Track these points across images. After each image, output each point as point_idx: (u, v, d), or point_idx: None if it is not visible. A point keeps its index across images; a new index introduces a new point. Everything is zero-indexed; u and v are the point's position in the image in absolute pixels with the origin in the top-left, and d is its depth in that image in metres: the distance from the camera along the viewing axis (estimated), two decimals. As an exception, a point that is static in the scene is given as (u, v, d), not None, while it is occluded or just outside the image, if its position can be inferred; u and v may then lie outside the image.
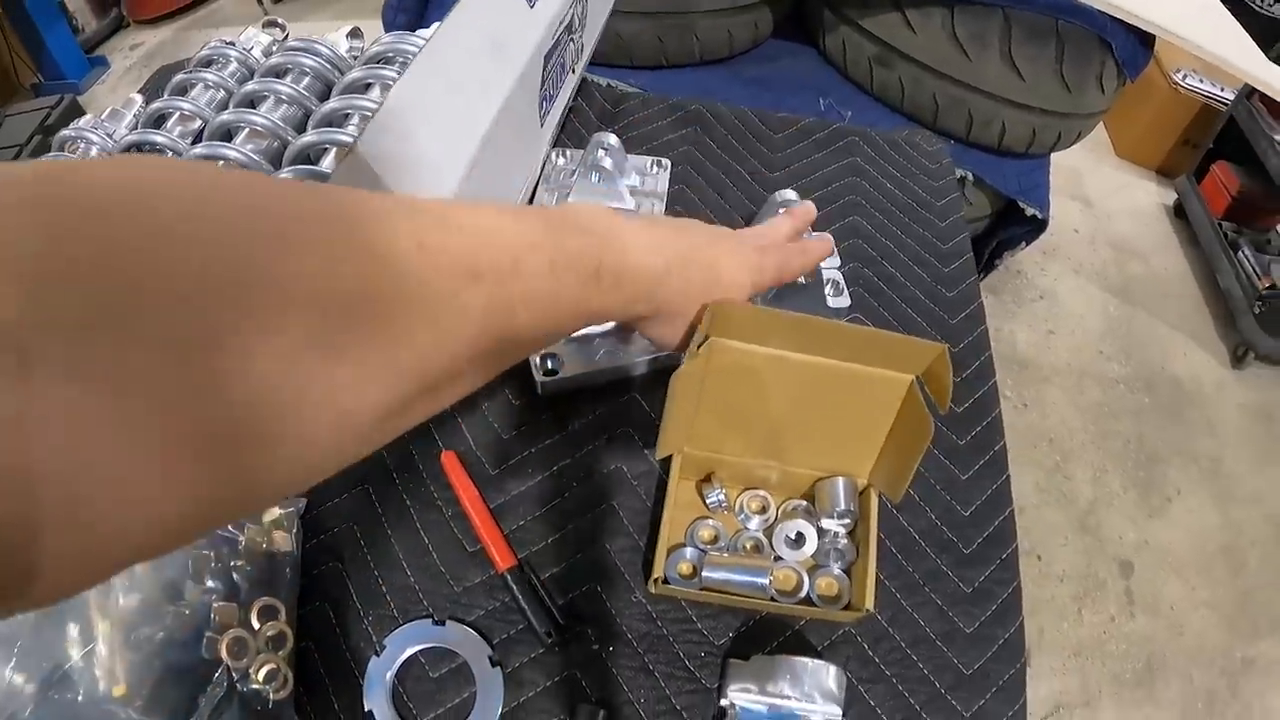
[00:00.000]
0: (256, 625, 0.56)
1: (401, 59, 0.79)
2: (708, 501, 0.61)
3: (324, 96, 0.82)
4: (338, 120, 0.75)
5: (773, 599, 0.56)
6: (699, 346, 0.54)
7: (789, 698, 0.51)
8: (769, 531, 0.61)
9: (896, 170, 0.82)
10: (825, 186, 0.79)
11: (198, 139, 0.81)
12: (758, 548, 0.61)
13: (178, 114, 0.83)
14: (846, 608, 0.56)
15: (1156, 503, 1.58)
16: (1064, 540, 1.51)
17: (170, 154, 0.80)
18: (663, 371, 0.67)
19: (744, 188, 0.80)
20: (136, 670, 0.55)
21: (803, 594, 0.58)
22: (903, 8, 1.07)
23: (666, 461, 0.62)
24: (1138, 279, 1.98)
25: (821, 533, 0.59)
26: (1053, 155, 1.22)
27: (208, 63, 0.88)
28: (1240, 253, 1.85)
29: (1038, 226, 1.21)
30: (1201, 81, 2.07)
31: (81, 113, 2.43)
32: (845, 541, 0.59)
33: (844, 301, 0.69)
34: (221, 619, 0.56)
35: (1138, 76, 1.09)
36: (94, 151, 0.84)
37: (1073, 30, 1.02)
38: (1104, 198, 2.22)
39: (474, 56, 0.60)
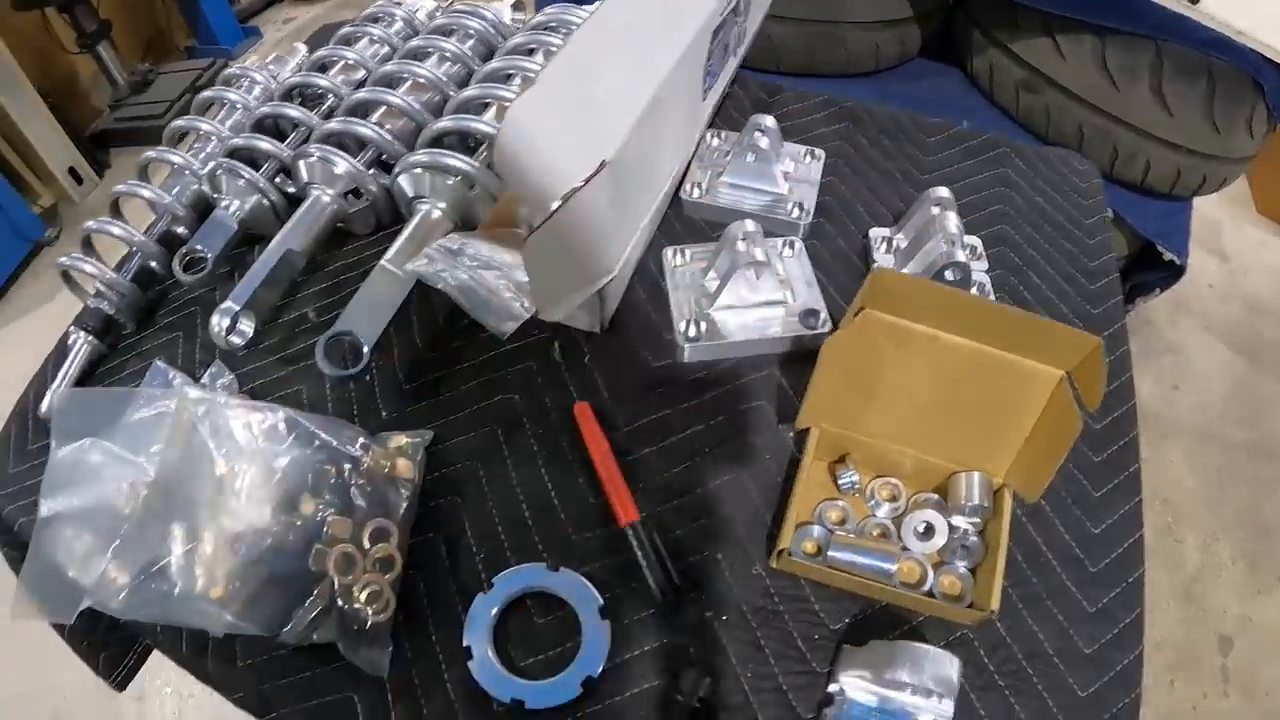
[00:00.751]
0: (367, 545, 0.57)
1: (565, 29, 0.83)
2: (840, 482, 0.60)
3: (486, 59, 0.86)
4: (499, 79, 0.78)
5: (896, 588, 0.55)
6: (855, 315, 0.54)
7: (905, 686, 0.48)
8: (898, 520, 0.59)
9: (1047, 185, 0.81)
10: (975, 193, 0.78)
11: (360, 88, 0.86)
12: (885, 535, 0.59)
13: (341, 62, 0.88)
14: (969, 608, 0.54)
15: (1265, 580, 1.48)
16: (1166, 606, 1.42)
17: (331, 97, 0.85)
18: (803, 351, 0.67)
19: (894, 185, 0.80)
20: (238, 574, 0.57)
21: (926, 587, 0.56)
22: (1054, 34, 1.06)
23: (801, 440, 0.62)
24: (1270, 343, 1.87)
25: (951, 528, 0.58)
26: (1193, 201, 1.18)
27: (374, 19, 0.94)
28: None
29: (1174, 273, 1.16)
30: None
31: None
32: (975, 539, 0.57)
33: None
34: (334, 532, 0.57)
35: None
36: (256, 90, 0.90)
37: (1225, 69, 0.98)
38: (1241, 254, 2.11)
39: (646, 23, 0.62)
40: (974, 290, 0.67)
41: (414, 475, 0.61)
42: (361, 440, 0.62)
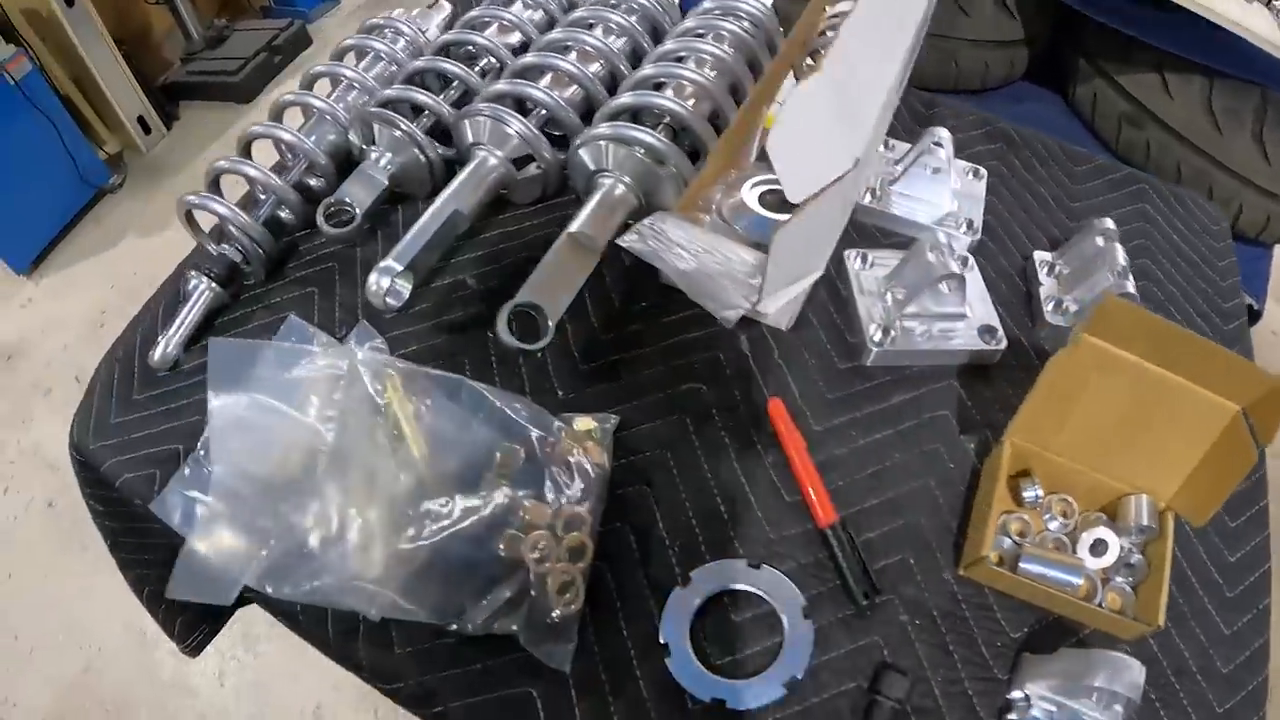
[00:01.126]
0: (560, 533, 0.58)
1: (733, 15, 0.83)
2: (1024, 496, 0.63)
3: (653, 36, 0.86)
4: (674, 59, 0.78)
5: (1076, 600, 0.58)
6: (1075, 341, 0.57)
7: (1091, 692, 0.52)
8: (1070, 535, 0.63)
9: (1181, 224, 0.85)
10: (1119, 226, 0.82)
11: (520, 50, 0.85)
12: (1059, 548, 0.63)
13: (497, 23, 0.87)
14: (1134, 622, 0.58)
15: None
16: None
17: (489, 57, 0.83)
18: (979, 365, 0.69)
19: (1048, 210, 0.83)
20: (406, 555, 0.57)
21: (1095, 601, 0.59)
22: (1164, 71, 1.12)
23: (981, 450, 0.65)
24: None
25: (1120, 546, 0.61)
26: (1275, 250, 1.26)
27: None
28: None
29: (1251, 317, 1.23)
30: None
31: (309, 40, 2.65)
32: (1139, 558, 0.61)
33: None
34: (531, 518, 0.58)
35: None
36: (401, 43, 0.88)
37: None
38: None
39: (886, 20, 0.63)
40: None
41: (605, 461, 0.61)
42: (553, 421, 0.62)
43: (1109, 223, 0.72)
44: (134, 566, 0.79)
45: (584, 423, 0.63)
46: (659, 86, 0.77)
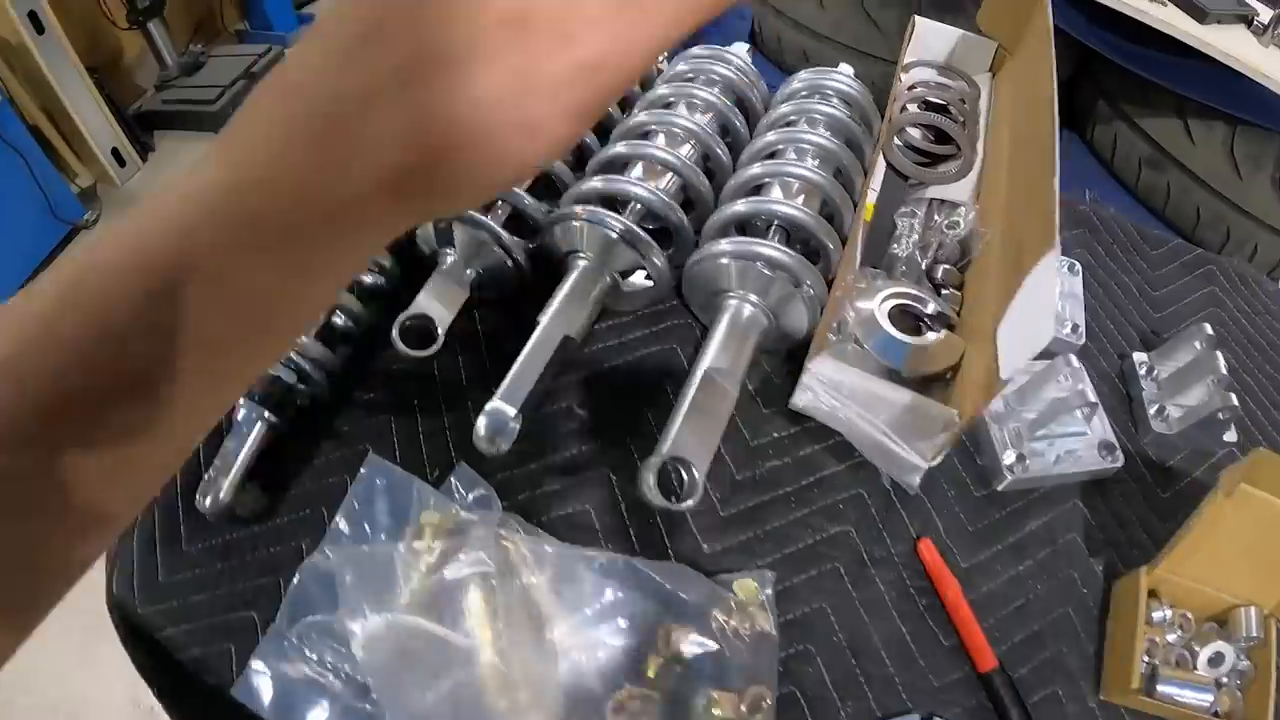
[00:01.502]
0: (744, 712, 0.57)
1: (822, 94, 0.80)
2: (1153, 617, 0.67)
3: (740, 108, 0.81)
4: (774, 155, 0.74)
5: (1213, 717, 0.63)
6: (1231, 493, 0.60)
7: None
8: (1187, 647, 0.67)
9: (1246, 305, 0.90)
10: (1194, 313, 0.86)
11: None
12: (1180, 663, 0.67)
13: None
14: None
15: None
16: None
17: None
18: (1097, 481, 0.71)
19: (1134, 303, 0.86)
20: None
21: (1209, 709, 0.64)
22: (1186, 117, 1.17)
23: (1108, 569, 0.68)
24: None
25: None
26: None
27: None
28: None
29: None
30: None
31: None
32: (1246, 664, 0.66)
33: (1231, 436, 0.76)
34: (722, 710, 0.57)
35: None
36: None
37: None
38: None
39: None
40: (1234, 430, 0.74)
41: (772, 628, 0.60)
42: (720, 591, 0.60)
43: (1208, 329, 0.75)
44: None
45: (745, 586, 0.61)
46: (764, 188, 0.73)
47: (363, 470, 0.66)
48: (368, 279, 0.74)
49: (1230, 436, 0.77)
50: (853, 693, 0.60)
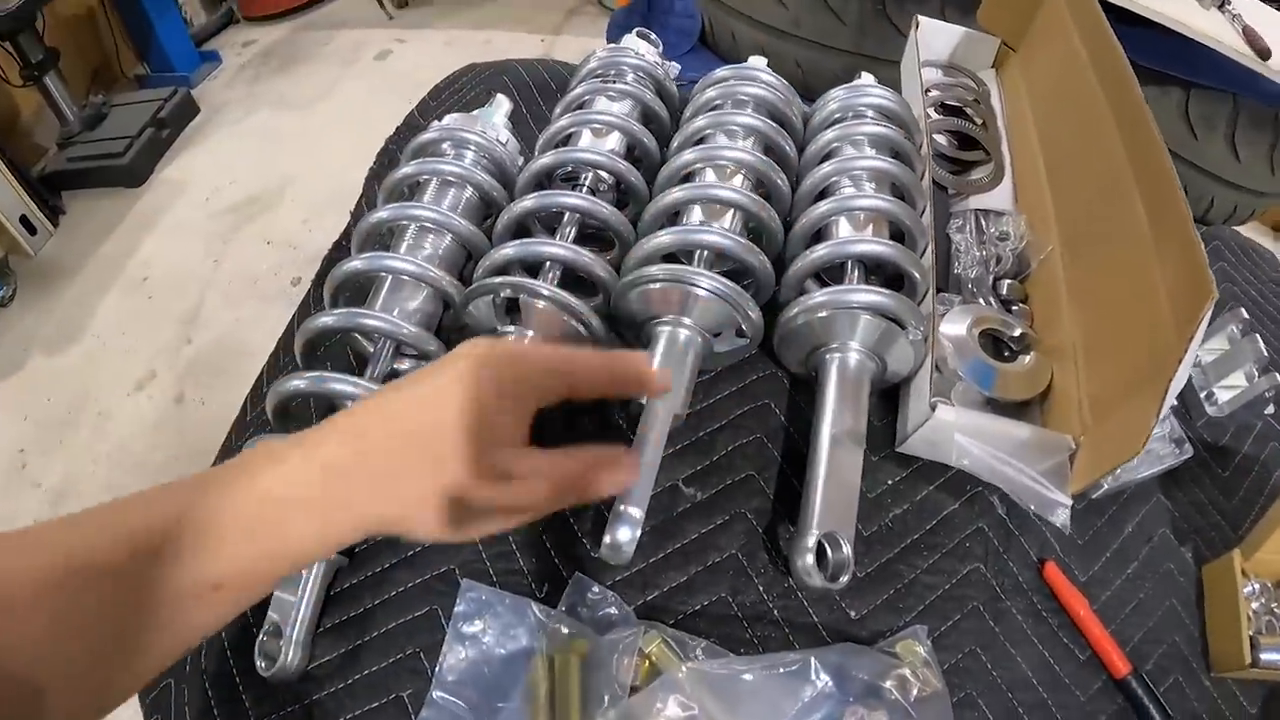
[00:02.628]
0: None
1: (858, 114, 0.80)
2: (1244, 591, 0.74)
3: (778, 121, 0.80)
4: (829, 192, 0.75)
5: None
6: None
7: None
8: (1271, 612, 0.75)
9: (1253, 276, 0.98)
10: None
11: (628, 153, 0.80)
12: (1270, 628, 0.75)
13: (587, 129, 0.78)
14: None
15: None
16: None
17: (592, 171, 0.77)
18: (1174, 470, 0.78)
19: None
20: None
21: None
22: (1141, 84, 1.25)
23: (1196, 555, 0.74)
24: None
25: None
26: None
27: (599, 73, 0.82)
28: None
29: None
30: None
31: (196, 108, 2.55)
32: None
33: (1269, 409, 0.84)
34: None
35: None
36: (469, 157, 0.77)
37: None
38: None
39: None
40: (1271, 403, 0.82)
41: (942, 685, 0.62)
42: (883, 660, 0.62)
43: (1243, 313, 0.82)
44: None
45: (908, 648, 0.62)
46: (831, 225, 0.73)
47: (460, 600, 0.62)
48: (406, 365, 0.69)
49: (1269, 410, 0.86)
50: (1015, 729, 0.64)
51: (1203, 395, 0.82)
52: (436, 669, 0.60)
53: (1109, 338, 0.68)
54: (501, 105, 0.85)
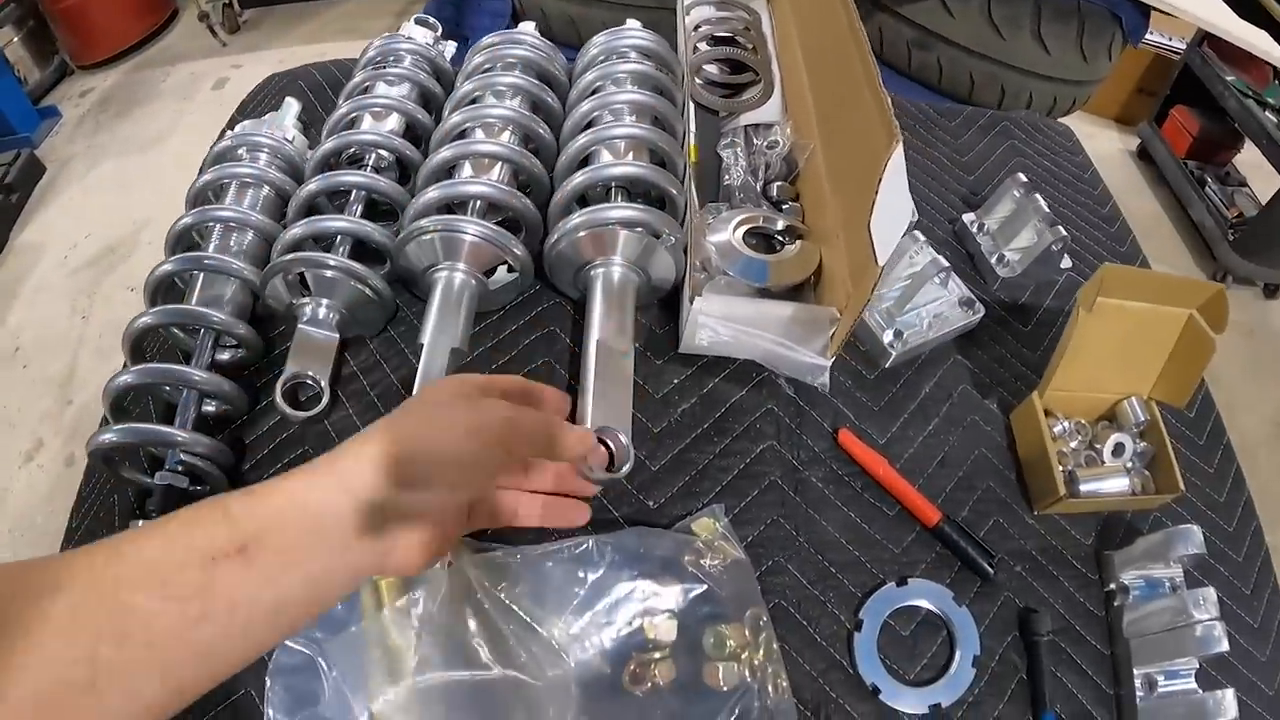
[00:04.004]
0: (749, 636, 0.66)
1: (620, 55, 0.89)
2: (1055, 431, 0.81)
3: (546, 82, 0.89)
4: (595, 122, 0.83)
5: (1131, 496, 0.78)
6: (1091, 306, 0.75)
7: (1173, 559, 0.71)
8: (1090, 447, 0.82)
9: (1047, 149, 1.08)
10: (1001, 168, 1.02)
11: (407, 134, 0.86)
12: (1090, 462, 0.82)
13: (367, 113, 0.86)
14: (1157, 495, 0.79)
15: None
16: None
17: (374, 152, 0.84)
18: (964, 334, 0.86)
19: (948, 171, 1.01)
20: None
21: (1128, 491, 0.80)
22: (940, -5, 1.37)
23: (1002, 404, 0.82)
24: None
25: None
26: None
27: (378, 61, 0.91)
28: (1207, 187, 2.40)
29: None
30: (1153, 34, 2.55)
31: (43, 168, 2.56)
32: (1144, 445, 0.82)
33: (1066, 263, 0.93)
34: (734, 642, 0.65)
35: (1139, 43, 1.49)
36: (263, 159, 0.84)
37: (1092, 9, 1.39)
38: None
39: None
40: (1066, 257, 0.91)
41: (740, 552, 0.69)
42: (680, 539, 0.68)
43: (1022, 177, 0.91)
44: None
45: (704, 525, 0.69)
46: (593, 156, 0.81)
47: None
48: (226, 355, 0.76)
49: (1066, 264, 0.94)
50: (830, 584, 0.70)
51: (993, 260, 0.91)
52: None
53: (857, 211, 0.77)
54: (290, 107, 0.93)
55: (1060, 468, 0.78)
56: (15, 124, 2.64)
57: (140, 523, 0.66)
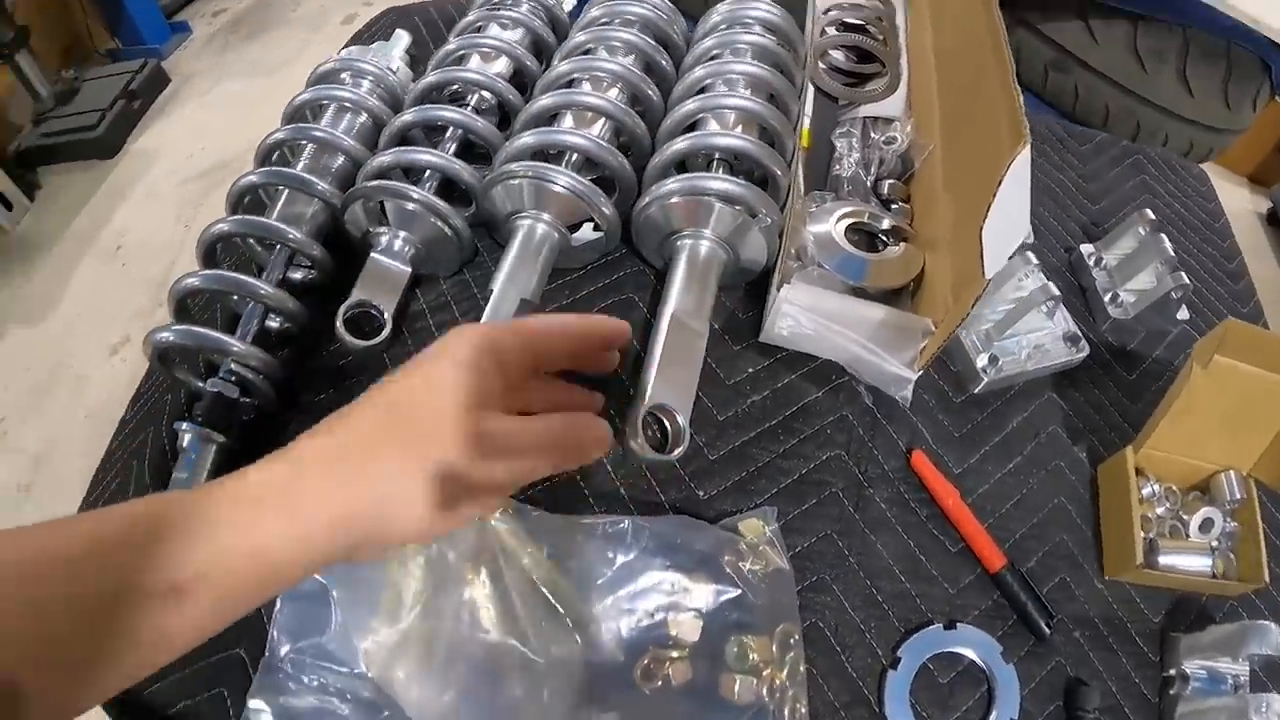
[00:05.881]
0: (775, 653, 0.60)
1: (744, 25, 0.84)
2: (1143, 493, 0.73)
3: (663, 44, 0.84)
4: (701, 90, 0.78)
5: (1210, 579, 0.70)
6: (1207, 362, 0.67)
7: (1243, 659, 0.63)
8: (1177, 517, 0.74)
9: (1178, 190, 0.98)
10: (1127, 204, 0.94)
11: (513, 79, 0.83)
12: (1174, 533, 0.74)
13: (476, 52, 0.83)
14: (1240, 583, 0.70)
15: None
16: None
17: (478, 93, 0.81)
18: (1067, 371, 0.78)
19: (1072, 198, 0.93)
20: None
21: (1209, 573, 0.72)
22: (1087, 18, 1.26)
23: (1091, 455, 0.74)
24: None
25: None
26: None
27: (495, 3, 0.88)
28: (1339, 263, 2.17)
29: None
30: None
31: (167, 79, 2.65)
32: (1234, 525, 0.74)
33: (1184, 314, 0.84)
34: (759, 656, 0.59)
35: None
36: (365, 86, 0.81)
37: (1242, 54, 1.27)
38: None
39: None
40: (1185, 308, 0.82)
41: (784, 562, 0.63)
42: (723, 536, 0.63)
43: (1150, 214, 0.82)
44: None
45: (751, 526, 0.64)
46: (699, 123, 0.76)
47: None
48: (298, 275, 0.74)
49: (1183, 315, 0.85)
50: (874, 614, 0.63)
51: (1106, 298, 0.82)
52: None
53: (970, 218, 0.70)
54: (400, 39, 0.90)
55: (1142, 533, 0.70)
56: (146, 35, 2.73)
57: (184, 425, 0.63)
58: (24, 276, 2.08)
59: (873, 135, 0.82)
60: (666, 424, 0.63)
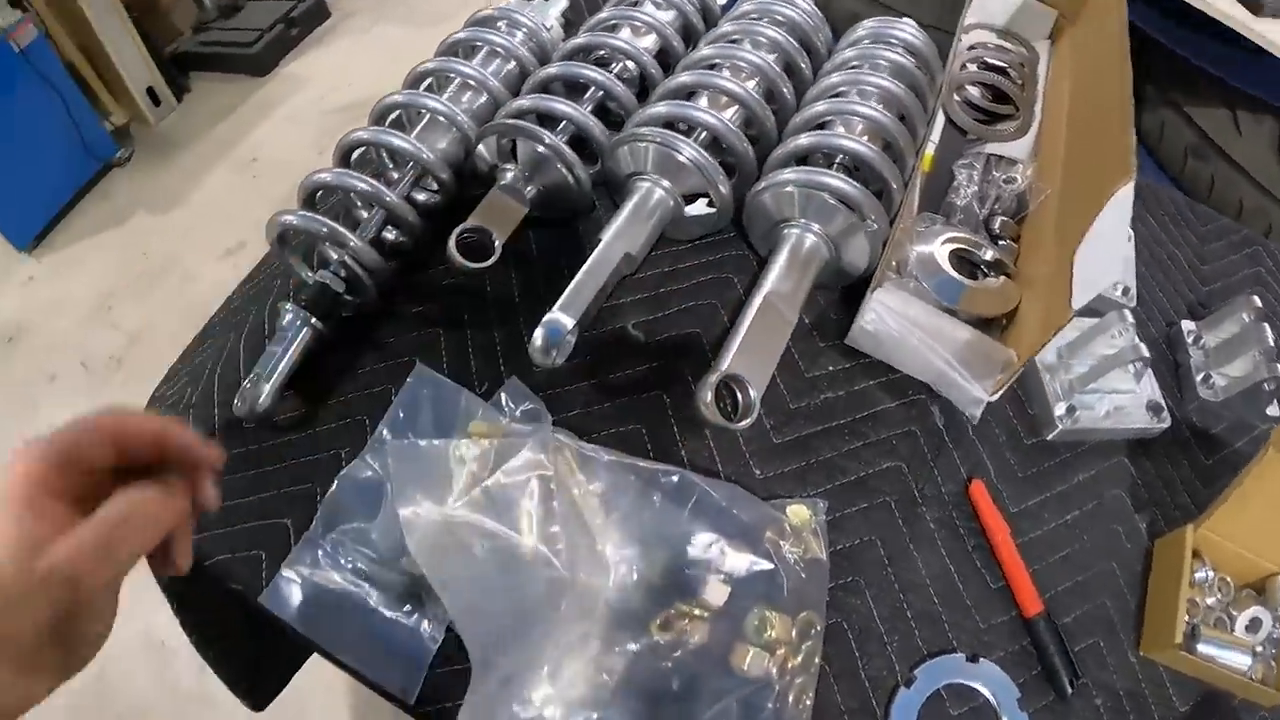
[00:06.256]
0: (794, 637, 0.61)
1: (887, 44, 0.85)
2: (1195, 577, 0.72)
3: (805, 47, 0.86)
4: (838, 94, 0.79)
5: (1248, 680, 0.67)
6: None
7: None
8: (1225, 611, 0.72)
9: None
10: (1236, 291, 0.91)
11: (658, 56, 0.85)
12: (1219, 625, 0.72)
13: (628, 25, 0.86)
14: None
15: None
16: None
17: (623, 62, 0.83)
18: (1144, 440, 0.77)
19: (1183, 273, 0.91)
20: (629, 679, 0.58)
21: (1247, 673, 0.69)
22: (1235, 109, 1.23)
23: (1151, 528, 0.73)
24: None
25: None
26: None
27: None
28: None
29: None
30: None
31: (327, 13, 2.73)
32: None
33: (1275, 410, 0.81)
34: (777, 634, 0.60)
35: None
36: (519, 36, 0.85)
37: None
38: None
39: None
40: (1276, 404, 0.80)
41: (824, 554, 0.64)
42: (770, 513, 0.64)
43: (1257, 301, 0.80)
44: (203, 629, 0.76)
45: (798, 512, 0.65)
46: (827, 125, 0.78)
47: (409, 380, 0.69)
48: (421, 196, 0.78)
49: (1274, 410, 0.82)
50: (899, 628, 0.64)
51: (1199, 377, 0.80)
52: (372, 434, 0.67)
53: (1070, 256, 0.70)
54: (559, 1, 0.95)
55: (1186, 617, 0.68)
56: (312, -34, 2.80)
57: (288, 304, 0.68)
58: (160, 169, 2.21)
59: (994, 173, 0.83)
60: (739, 395, 0.64)
